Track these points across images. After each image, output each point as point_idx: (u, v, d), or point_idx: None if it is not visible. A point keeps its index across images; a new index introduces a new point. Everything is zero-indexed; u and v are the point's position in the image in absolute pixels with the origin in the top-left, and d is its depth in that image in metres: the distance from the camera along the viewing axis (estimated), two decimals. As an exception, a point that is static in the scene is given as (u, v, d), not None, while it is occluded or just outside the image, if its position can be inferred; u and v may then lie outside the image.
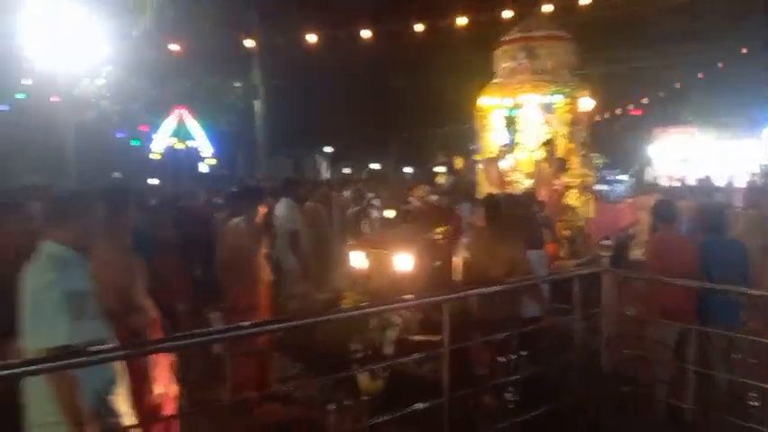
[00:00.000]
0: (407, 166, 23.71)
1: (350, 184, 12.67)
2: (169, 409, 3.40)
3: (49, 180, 15.82)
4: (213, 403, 4.01)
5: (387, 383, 4.85)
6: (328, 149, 29.94)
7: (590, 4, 12.26)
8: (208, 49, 16.88)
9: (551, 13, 9.27)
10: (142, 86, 16.87)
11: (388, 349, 4.83)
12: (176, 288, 5.14)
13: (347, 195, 11.12)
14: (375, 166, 26.15)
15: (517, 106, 8.81)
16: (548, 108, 8.58)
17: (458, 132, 22.10)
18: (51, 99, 16.12)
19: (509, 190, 7.98)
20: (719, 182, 12.33)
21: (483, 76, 9.42)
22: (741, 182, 12.26)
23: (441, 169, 13.20)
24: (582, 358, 4.06)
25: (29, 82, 16.30)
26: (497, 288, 4.65)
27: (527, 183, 8.70)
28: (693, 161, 17.20)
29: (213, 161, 22.50)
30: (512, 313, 4.45)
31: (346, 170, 29.00)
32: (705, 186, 10.74)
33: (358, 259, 5.48)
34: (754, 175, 14.22)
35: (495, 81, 8.79)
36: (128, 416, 2.63)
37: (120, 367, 2.64)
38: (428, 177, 12.82)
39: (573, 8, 12.07)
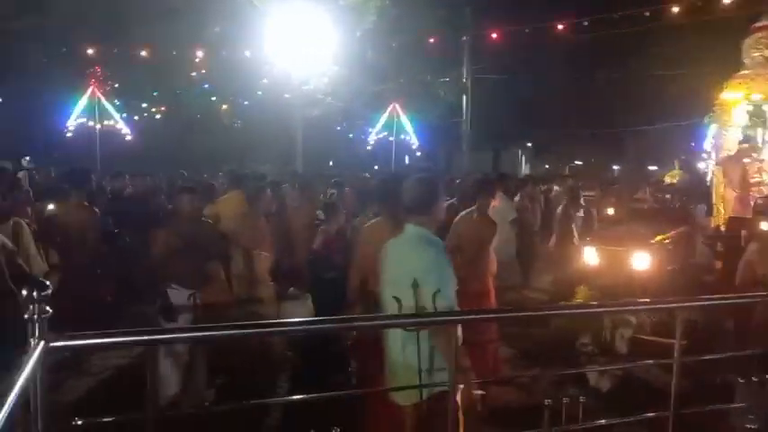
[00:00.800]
0: (616, 163, 22.44)
1: (556, 180, 12.40)
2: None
3: (279, 168, 17.95)
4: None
5: (615, 382, 4.78)
6: (529, 144, 29.43)
7: None
8: (422, 47, 17.67)
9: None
10: (362, 83, 18.21)
11: (621, 347, 4.75)
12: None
13: (558, 191, 10.91)
14: (578, 162, 25.15)
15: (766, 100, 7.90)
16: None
17: (673, 130, 20.35)
18: (284, 96, 18.16)
19: (754, 193, 7.22)
20: None
21: (717, 67, 8.58)
22: None
23: (654, 168, 12.24)
24: None
25: (266, 81, 18.48)
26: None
27: (772, 185, 7.79)
28: None
29: (418, 153, 23.49)
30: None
31: (546, 166, 28.28)
32: None
33: (590, 255, 5.44)
34: None
35: (742, 72, 7.97)
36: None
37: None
38: (643, 175, 12.01)
39: None
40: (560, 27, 16.68)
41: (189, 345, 4.26)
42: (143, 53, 17.03)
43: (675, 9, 14.33)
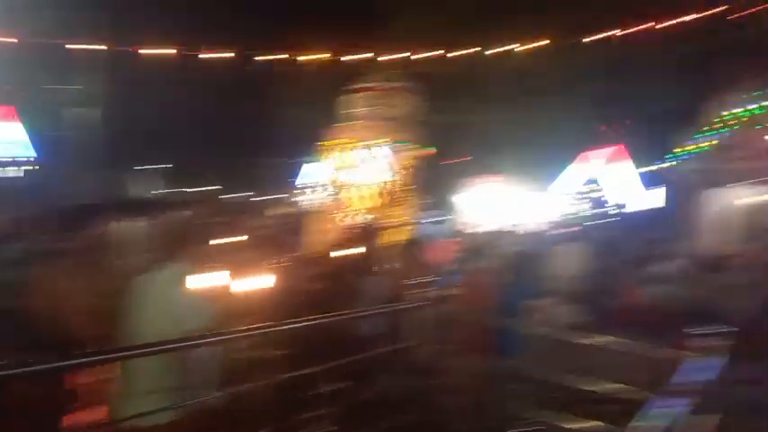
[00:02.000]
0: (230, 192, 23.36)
1: (180, 205, 12.49)
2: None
3: None
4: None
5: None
6: (160, 167, 28.61)
7: (426, 60, 14.07)
8: (45, 49, 15.73)
9: (394, 64, 10.44)
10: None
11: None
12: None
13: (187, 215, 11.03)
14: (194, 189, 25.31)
15: (356, 148, 9.67)
16: (386, 152, 9.56)
17: (280, 165, 22.56)
18: None
19: (343, 224, 8.68)
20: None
21: (326, 114, 10.11)
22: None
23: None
24: (400, 388, 4.37)
25: None
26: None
27: (359, 218, 9.48)
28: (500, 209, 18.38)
29: (26, 168, 20.44)
30: (346, 333, 4.94)
31: (185, 189, 27.77)
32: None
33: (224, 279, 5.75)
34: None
35: (339, 124, 9.62)
36: None
37: None
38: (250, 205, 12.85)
39: (409, 63, 13.83)
40: (195, 56, 17.08)
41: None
42: None
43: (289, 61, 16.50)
